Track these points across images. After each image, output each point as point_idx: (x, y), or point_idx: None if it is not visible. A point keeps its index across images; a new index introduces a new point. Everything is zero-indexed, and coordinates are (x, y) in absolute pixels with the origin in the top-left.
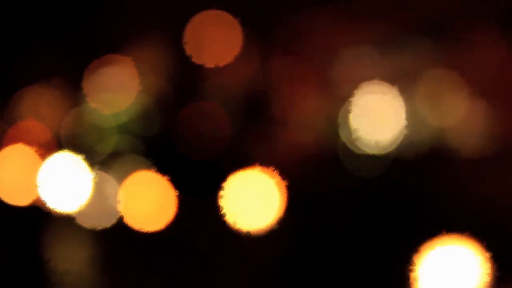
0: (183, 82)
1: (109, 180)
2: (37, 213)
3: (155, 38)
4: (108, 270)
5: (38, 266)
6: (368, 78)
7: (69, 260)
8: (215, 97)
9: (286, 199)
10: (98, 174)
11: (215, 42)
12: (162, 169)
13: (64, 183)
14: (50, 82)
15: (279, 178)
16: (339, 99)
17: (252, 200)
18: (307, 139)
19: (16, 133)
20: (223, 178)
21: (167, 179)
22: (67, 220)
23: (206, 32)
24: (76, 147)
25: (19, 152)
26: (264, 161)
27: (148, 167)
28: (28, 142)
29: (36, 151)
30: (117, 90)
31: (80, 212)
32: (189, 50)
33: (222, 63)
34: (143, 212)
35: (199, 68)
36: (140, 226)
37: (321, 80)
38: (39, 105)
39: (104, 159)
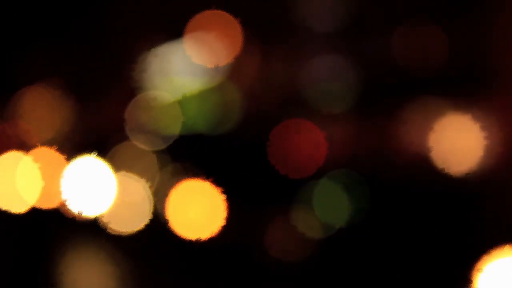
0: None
1: (138, 184)
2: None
3: (156, 38)
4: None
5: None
6: None
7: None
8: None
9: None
10: (126, 178)
11: (215, 42)
12: (212, 178)
13: (89, 187)
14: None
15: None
16: None
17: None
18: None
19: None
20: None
21: (217, 187)
22: (93, 225)
23: (206, 32)
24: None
25: (43, 155)
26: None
27: (197, 175)
28: (51, 145)
29: (61, 154)
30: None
31: (105, 216)
32: (189, 50)
33: (222, 63)
34: (191, 220)
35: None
36: (187, 233)
37: None
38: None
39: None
